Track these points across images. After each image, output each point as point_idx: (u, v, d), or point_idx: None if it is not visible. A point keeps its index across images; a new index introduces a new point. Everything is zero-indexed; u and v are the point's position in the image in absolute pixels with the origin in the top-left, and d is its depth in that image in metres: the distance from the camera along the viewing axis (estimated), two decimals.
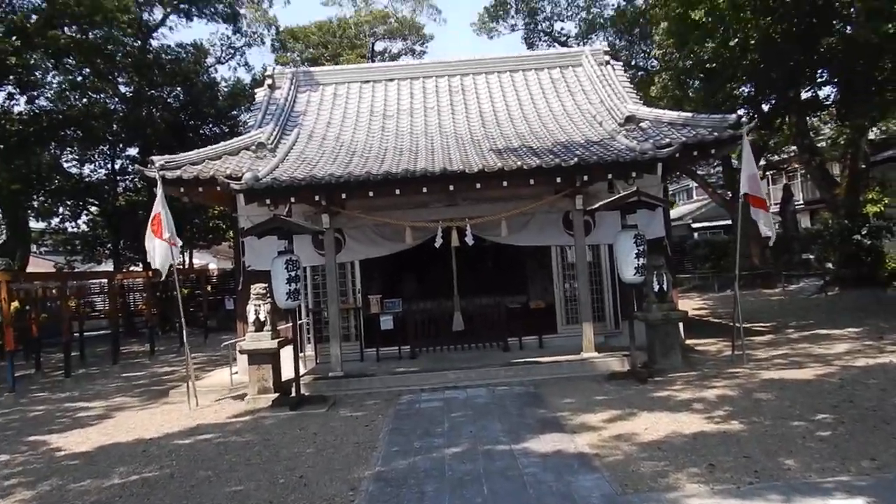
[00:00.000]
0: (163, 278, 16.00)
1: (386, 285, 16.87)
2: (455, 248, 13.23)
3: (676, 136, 12.94)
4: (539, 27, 32.43)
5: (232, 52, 30.40)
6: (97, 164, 30.58)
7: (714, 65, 15.64)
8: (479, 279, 18.39)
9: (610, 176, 11.68)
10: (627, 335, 13.87)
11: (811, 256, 32.02)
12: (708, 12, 13.36)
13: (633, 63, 30.57)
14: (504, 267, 19.46)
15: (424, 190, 11.75)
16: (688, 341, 13.89)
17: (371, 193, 11.70)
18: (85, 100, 26.39)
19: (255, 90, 18.08)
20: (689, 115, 13.50)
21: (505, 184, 11.63)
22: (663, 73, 22.33)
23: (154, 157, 12.95)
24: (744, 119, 11.18)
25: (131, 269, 31.47)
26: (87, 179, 30.07)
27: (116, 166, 29.94)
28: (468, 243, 12.55)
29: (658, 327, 11.78)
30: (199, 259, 42.01)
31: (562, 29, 33.40)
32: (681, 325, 12.55)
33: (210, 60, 30.78)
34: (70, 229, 30.98)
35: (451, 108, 16.20)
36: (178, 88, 28.21)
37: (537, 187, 13.13)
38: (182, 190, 13.24)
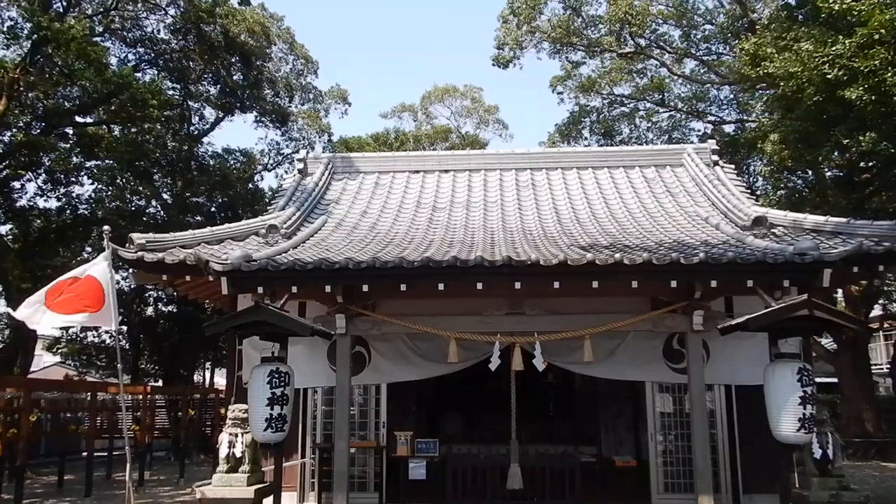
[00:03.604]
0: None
1: (420, 420, 13.25)
2: (516, 375, 9.64)
3: (826, 245, 9.36)
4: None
5: (280, 158, 28.54)
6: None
7: (874, 163, 12.11)
8: (545, 421, 14.66)
9: (751, 283, 8.07)
10: None
11: None
12: (870, 89, 10.12)
13: None
14: (575, 406, 15.69)
15: (479, 287, 8.35)
16: None
17: (404, 287, 8.36)
18: (117, 202, 24.46)
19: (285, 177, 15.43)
20: (843, 220, 9.94)
21: (595, 284, 8.16)
22: (770, 194, 18.88)
23: (134, 235, 9.98)
24: None
25: (150, 384, 28.69)
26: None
27: None
28: (537, 368, 8.98)
29: None
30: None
31: None
32: None
33: (257, 167, 29.02)
34: (90, 338, 28.40)
35: (518, 203, 13.05)
36: (219, 194, 26.18)
37: (634, 298, 9.69)
38: (165, 278, 10.14)
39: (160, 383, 28.44)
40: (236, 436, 8.35)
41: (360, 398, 10.96)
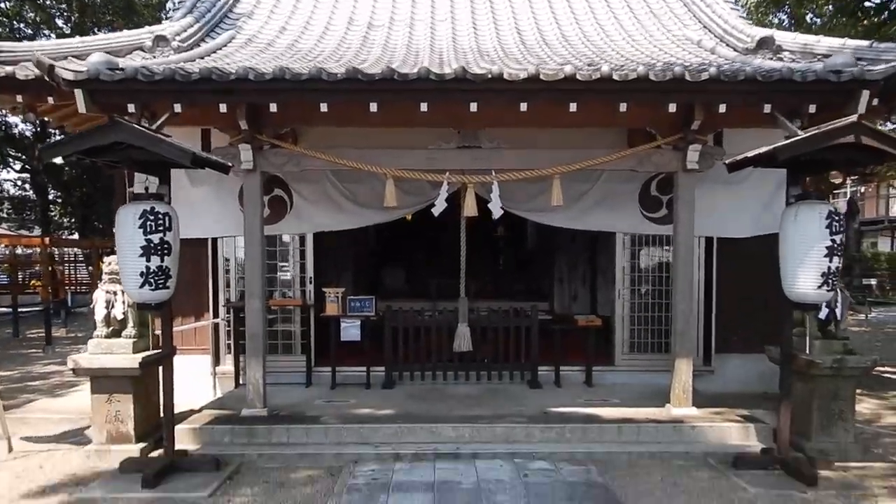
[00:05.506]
0: None
1: (355, 273, 11.67)
2: (467, 222, 8.00)
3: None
4: None
5: None
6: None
7: None
8: (495, 276, 13.33)
9: (768, 108, 6.38)
10: (721, 376, 9.30)
11: (873, 282, 28.25)
12: None
13: None
14: (527, 260, 14.39)
15: (424, 108, 6.46)
16: None
17: (325, 107, 6.43)
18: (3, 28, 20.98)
19: None
20: (864, 43, 8.15)
21: (574, 107, 6.38)
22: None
23: None
24: None
25: (64, 236, 26.34)
26: (13, 130, 24.62)
27: None
28: (491, 215, 7.34)
29: (821, 381, 6.58)
30: None
31: None
32: None
33: None
34: None
35: (473, 21, 10.88)
36: (123, 23, 22.76)
37: (610, 130, 8.11)
38: (20, 99, 7.86)
39: (76, 236, 26.23)
40: (115, 294, 6.62)
41: (284, 248, 9.25)
